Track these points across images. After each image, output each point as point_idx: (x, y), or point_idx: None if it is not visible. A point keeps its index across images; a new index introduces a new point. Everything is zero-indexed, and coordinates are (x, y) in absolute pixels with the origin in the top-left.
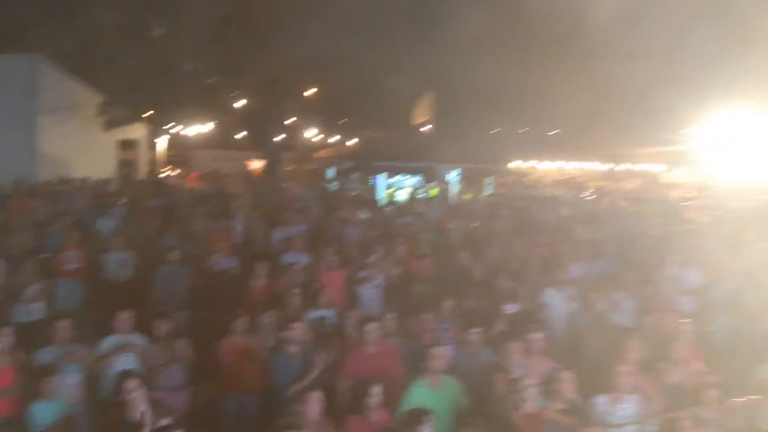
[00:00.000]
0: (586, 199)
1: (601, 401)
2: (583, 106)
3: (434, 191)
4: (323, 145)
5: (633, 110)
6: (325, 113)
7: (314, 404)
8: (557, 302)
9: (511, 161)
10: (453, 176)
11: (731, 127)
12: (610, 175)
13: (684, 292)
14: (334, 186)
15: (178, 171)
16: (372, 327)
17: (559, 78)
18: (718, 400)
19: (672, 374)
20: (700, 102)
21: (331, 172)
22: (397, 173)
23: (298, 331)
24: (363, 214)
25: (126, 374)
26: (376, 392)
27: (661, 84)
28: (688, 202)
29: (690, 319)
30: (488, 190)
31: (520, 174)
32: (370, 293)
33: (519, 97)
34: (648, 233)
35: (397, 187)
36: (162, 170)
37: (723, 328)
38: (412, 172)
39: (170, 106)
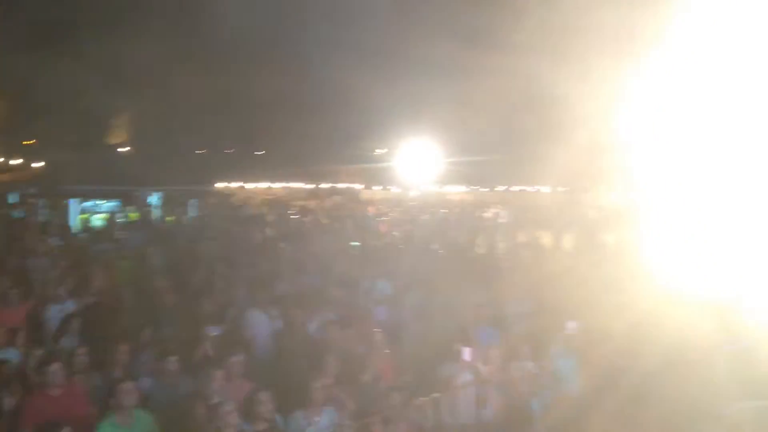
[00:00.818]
0: (291, 217)
1: (298, 416)
2: (287, 126)
3: (134, 215)
4: (4, 168)
5: (333, 130)
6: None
7: None
8: (261, 322)
9: (217, 182)
10: (154, 199)
11: (418, 148)
12: (314, 194)
13: (378, 303)
14: (18, 213)
15: None
16: (55, 367)
17: (263, 98)
18: (406, 400)
19: (365, 380)
20: (393, 124)
21: (13, 198)
22: (92, 197)
23: None
24: (54, 242)
25: None
26: None
27: (358, 105)
28: (383, 218)
29: (382, 329)
30: (192, 212)
31: (227, 195)
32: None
33: (225, 117)
34: (347, 249)
35: (93, 212)
36: None
37: (413, 333)
38: (108, 196)
39: None
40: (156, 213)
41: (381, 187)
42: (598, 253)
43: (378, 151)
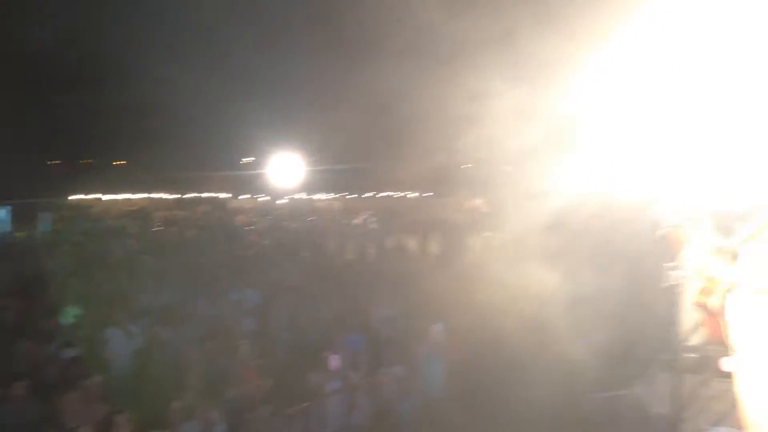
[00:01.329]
0: (154, 229)
1: None
2: (150, 134)
3: None
4: None
5: (198, 138)
6: None
7: None
8: (119, 341)
9: (73, 194)
10: (1, 213)
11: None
12: (179, 204)
13: (246, 314)
14: None
15: None
16: None
17: (123, 104)
18: (274, 412)
19: (231, 391)
20: (260, 132)
21: None
22: None
23: None
24: None
25: None
26: None
27: (223, 113)
28: (252, 227)
29: (249, 340)
30: (44, 227)
31: (82, 207)
32: None
33: (81, 125)
34: (215, 259)
35: None
36: None
37: (281, 342)
38: None
39: None
40: (3, 228)
41: (249, 196)
42: (463, 255)
43: (245, 160)
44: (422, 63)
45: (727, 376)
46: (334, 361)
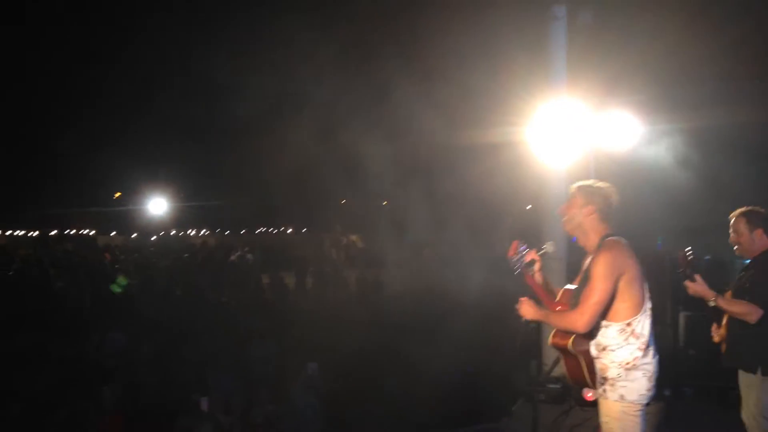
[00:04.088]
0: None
1: None
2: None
3: None
4: None
5: (65, 173)
6: None
7: None
8: None
9: None
10: None
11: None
12: (42, 241)
13: (110, 356)
14: None
15: None
16: None
17: None
18: None
19: None
20: (131, 168)
21: None
22: None
23: None
24: None
25: None
26: None
27: (92, 147)
28: (118, 266)
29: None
30: None
31: None
32: None
33: None
34: (78, 299)
35: None
36: None
37: (148, 386)
38: None
39: None
40: None
41: (118, 233)
42: (341, 290)
43: (116, 195)
44: (296, 100)
45: (589, 404)
46: (204, 404)
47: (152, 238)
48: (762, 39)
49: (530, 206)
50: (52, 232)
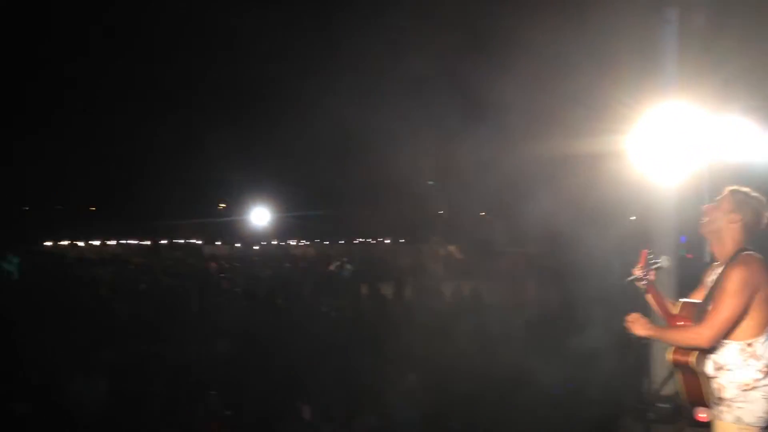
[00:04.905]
0: (128, 276)
1: None
2: (122, 180)
3: None
4: None
5: (172, 184)
6: None
7: None
8: None
9: (45, 240)
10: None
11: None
12: (153, 250)
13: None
14: None
15: None
16: None
17: (91, 151)
18: None
19: None
20: (236, 179)
21: None
22: None
23: None
24: None
25: None
26: None
27: (198, 159)
28: (225, 275)
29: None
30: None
31: (55, 253)
32: None
33: (51, 171)
34: (190, 306)
35: None
36: None
37: (252, 392)
38: None
39: None
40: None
41: (222, 243)
42: (439, 301)
43: (220, 206)
44: (399, 114)
45: (701, 425)
46: (307, 411)
47: (255, 248)
48: None
49: (635, 217)
50: (163, 241)
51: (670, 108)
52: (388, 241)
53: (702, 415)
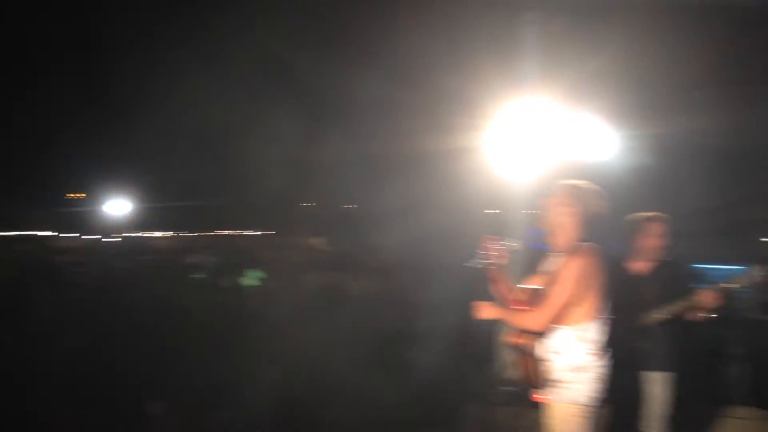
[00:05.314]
0: None
1: None
2: None
3: None
4: None
5: (19, 173)
6: None
7: None
8: None
9: None
10: None
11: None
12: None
13: None
14: None
15: None
16: None
17: None
18: None
19: None
20: (89, 167)
21: None
22: None
23: None
24: None
25: None
26: None
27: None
28: (78, 267)
29: None
30: None
31: None
32: None
33: None
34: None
35: None
36: None
37: None
38: None
39: None
40: None
41: (77, 234)
42: (300, 294)
43: (75, 195)
44: (263, 105)
45: (539, 406)
46: (155, 408)
47: (113, 239)
48: (723, 47)
49: (490, 210)
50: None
51: (528, 106)
52: (253, 233)
53: (538, 396)
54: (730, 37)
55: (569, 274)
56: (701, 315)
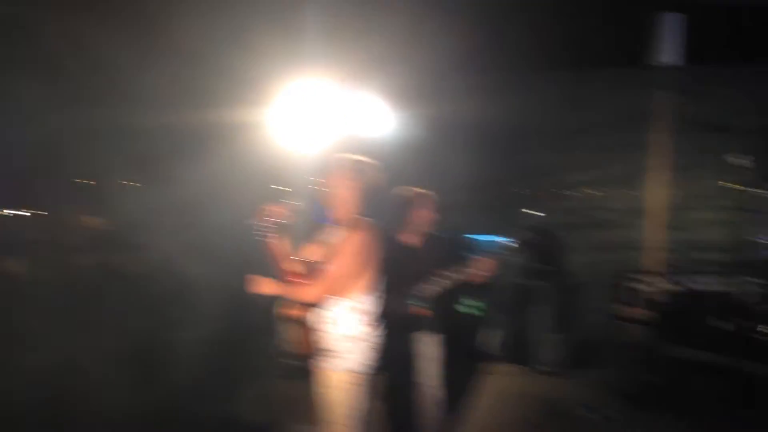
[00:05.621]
0: None
1: None
2: None
3: None
4: None
5: None
6: None
7: None
8: None
9: None
10: None
11: None
12: None
13: None
14: None
15: None
16: None
17: None
18: None
19: None
20: None
21: None
22: None
23: None
24: None
25: None
26: None
27: None
28: None
29: None
30: None
31: None
32: None
33: None
34: None
35: None
36: None
37: None
38: None
39: None
40: None
41: None
42: (70, 277)
43: None
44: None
45: (312, 377)
46: None
47: None
48: (489, 37)
49: (275, 186)
50: None
51: (311, 84)
52: (22, 214)
53: (314, 365)
54: (496, 27)
55: (348, 248)
56: (475, 280)
